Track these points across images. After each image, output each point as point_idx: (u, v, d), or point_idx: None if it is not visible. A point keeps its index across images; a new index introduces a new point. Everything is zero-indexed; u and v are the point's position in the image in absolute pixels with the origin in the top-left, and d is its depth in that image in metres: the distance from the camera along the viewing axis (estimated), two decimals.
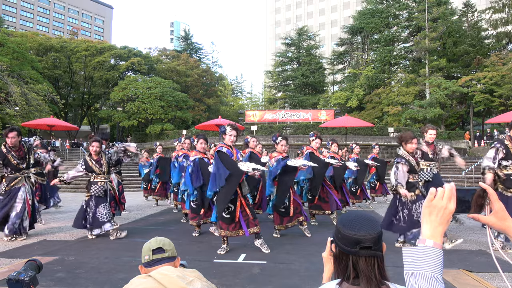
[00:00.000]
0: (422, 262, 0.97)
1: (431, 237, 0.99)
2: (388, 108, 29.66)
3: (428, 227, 1.01)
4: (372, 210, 10.01)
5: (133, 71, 34.79)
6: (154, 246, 1.68)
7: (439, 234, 1.00)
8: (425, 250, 0.98)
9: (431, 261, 0.97)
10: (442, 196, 1.00)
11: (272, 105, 43.26)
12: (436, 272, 0.96)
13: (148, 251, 1.68)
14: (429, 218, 1.01)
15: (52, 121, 20.40)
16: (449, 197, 1.00)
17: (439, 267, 0.97)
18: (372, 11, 36.03)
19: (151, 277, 1.49)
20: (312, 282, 3.91)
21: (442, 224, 1.00)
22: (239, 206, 5.20)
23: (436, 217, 1.00)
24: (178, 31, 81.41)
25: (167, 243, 1.72)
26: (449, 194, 1.00)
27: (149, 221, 8.50)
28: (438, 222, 1.00)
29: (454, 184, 1.03)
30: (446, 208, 1.00)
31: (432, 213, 1.01)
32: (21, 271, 1.54)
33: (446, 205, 1.00)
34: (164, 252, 1.68)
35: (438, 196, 1.01)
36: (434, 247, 0.98)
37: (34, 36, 33.93)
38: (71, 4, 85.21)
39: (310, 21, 69.39)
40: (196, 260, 4.83)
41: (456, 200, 1.01)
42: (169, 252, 1.69)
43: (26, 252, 5.39)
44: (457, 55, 31.49)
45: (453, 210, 1.00)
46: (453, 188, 1.01)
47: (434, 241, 0.99)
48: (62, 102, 28.88)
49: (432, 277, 0.95)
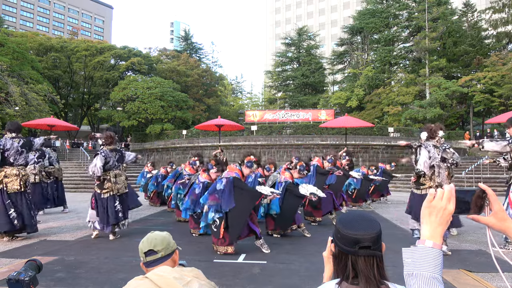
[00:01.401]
0: (421, 262, 0.98)
1: (431, 238, 1.00)
2: (388, 108, 29.66)
3: (427, 228, 1.01)
4: (372, 210, 10.02)
5: (133, 71, 34.79)
6: (145, 249, 1.65)
7: (438, 235, 1.00)
8: (425, 250, 0.99)
9: (430, 262, 0.97)
10: (441, 197, 1.01)
11: (272, 105, 43.26)
12: (435, 272, 0.96)
13: (141, 253, 1.67)
14: (429, 218, 1.02)
15: (52, 121, 20.34)
16: (448, 198, 1.01)
17: (438, 267, 0.97)
18: (372, 11, 36.03)
19: (147, 279, 1.48)
20: (312, 282, 3.91)
21: (441, 224, 1.01)
22: (223, 224, 5.12)
23: (435, 218, 1.01)
24: (178, 31, 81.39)
25: (159, 242, 1.66)
26: (448, 195, 1.01)
27: (149, 221, 8.50)
28: (438, 223, 1.01)
29: (454, 185, 1.03)
30: (446, 208, 1.00)
31: (432, 214, 1.02)
32: (21, 271, 1.54)
33: (446, 206, 1.00)
34: (156, 254, 1.64)
35: (437, 197, 1.02)
36: (434, 247, 0.99)
37: (34, 36, 33.92)
38: (71, 4, 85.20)
39: (310, 21, 69.37)
40: (196, 260, 4.83)
41: (455, 200, 1.01)
42: (161, 252, 1.65)
43: (26, 252, 5.39)
44: (457, 55, 31.49)
45: (452, 210, 1.00)
46: (453, 189, 1.01)
47: (433, 242, 0.99)
48: (62, 102, 28.88)
49: (432, 277, 0.96)
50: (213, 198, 5.18)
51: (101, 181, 6.25)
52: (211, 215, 5.20)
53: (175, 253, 1.71)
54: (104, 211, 6.17)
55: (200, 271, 1.62)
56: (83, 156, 22.65)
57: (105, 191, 6.21)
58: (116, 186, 6.26)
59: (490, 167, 17.27)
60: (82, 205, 10.37)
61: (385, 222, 8.11)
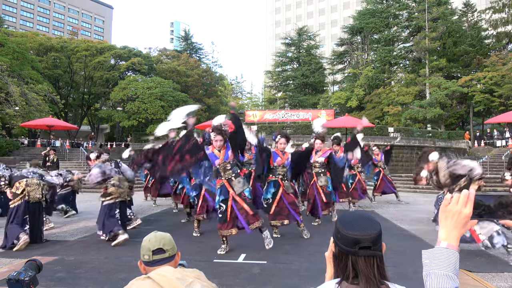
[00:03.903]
0: (436, 262, 1.05)
1: (446, 239, 1.07)
2: (388, 108, 29.64)
3: (443, 231, 1.09)
4: (372, 210, 10.01)
5: (133, 71, 34.76)
6: (154, 247, 1.62)
7: (454, 237, 1.07)
8: (439, 251, 1.06)
9: (444, 261, 1.04)
10: (457, 201, 1.07)
11: (272, 105, 43.24)
12: (447, 270, 1.03)
13: (147, 251, 1.62)
14: (445, 222, 1.09)
15: (52, 121, 20.45)
16: (463, 202, 1.06)
17: (451, 266, 1.03)
18: (372, 11, 36.01)
19: (150, 279, 1.47)
20: (312, 282, 3.91)
21: (457, 227, 1.07)
22: (230, 206, 5.24)
23: (451, 221, 1.08)
24: (178, 31, 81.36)
25: (168, 241, 1.66)
26: (463, 199, 1.06)
27: (149, 221, 8.50)
28: (453, 226, 1.07)
29: (474, 190, 1.09)
30: (461, 212, 1.06)
31: (448, 218, 1.08)
32: (21, 271, 1.54)
33: (461, 210, 1.06)
34: (164, 253, 1.62)
35: (453, 201, 1.08)
36: (448, 248, 1.06)
37: (34, 36, 33.90)
38: (71, 4, 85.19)
39: (310, 21, 69.36)
40: (196, 260, 4.83)
41: (474, 205, 1.06)
42: (169, 252, 1.64)
43: (26, 252, 5.39)
44: (457, 55, 31.47)
45: (468, 214, 1.06)
46: (469, 194, 1.07)
47: (447, 243, 1.06)
48: (62, 102, 28.85)
49: (444, 275, 1.02)
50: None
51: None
52: (217, 198, 5.39)
53: (177, 254, 1.70)
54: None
55: (201, 273, 1.62)
56: (83, 156, 22.65)
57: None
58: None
59: (490, 167, 17.27)
60: (82, 205, 10.37)
61: (385, 222, 8.11)
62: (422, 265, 1.08)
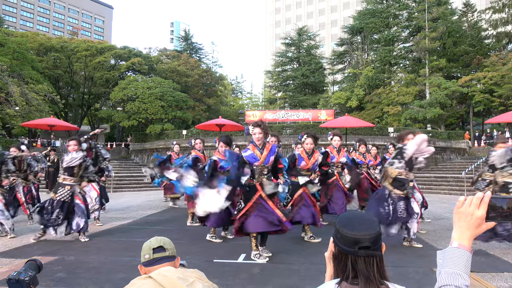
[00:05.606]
0: (447, 261, 1.09)
1: (457, 240, 1.11)
2: (388, 108, 29.64)
3: (457, 231, 1.13)
4: None
5: (134, 71, 34.76)
6: (154, 245, 1.68)
7: (466, 238, 1.11)
8: (451, 250, 1.11)
9: (454, 260, 1.08)
10: (469, 204, 1.11)
11: (272, 105, 43.22)
12: (457, 268, 1.07)
13: (148, 250, 1.67)
14: (458, 223, 1.13)
15: (52, 121, 20.43)
16: (476, 204, 1.10)
17: (461, 264, 1.07)
18: (372, 11, 36.00)
19: (151, 278, 1.48)
20: (312, 282, 3.91)
21: (469, 229, 1.11)
22: (249, 206, 4.90)
23: (463, 223, 1.11)
24: (178, 31, 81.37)
25: (168, 242, 1.72)
26: (476, 201, 1.10)
27: (149, 221, 8.50)
28: (466, 227, 1.11)
29: (490, 193, 1.12)
30: (473, 214, 1.10)
31: (461, 219, 1.12)
32: (21, 271, 1.54)
33: (473, 212, 1.10)
34: (165, 251, 1.67)
35: (466, 203, 1.12)
36: (459, 247, 1.10)
37: (35, 36, 33.90)
38: (71, 4, 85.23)
39: (310, 21, 69.36)
40: (196, 260, 4.83)
41: (488, 207, 1.09)
42: (169, 251, 1.68)
43: (26, 252, 5.39)
44: (457, 55, 31.46)
45: (481, 216, 1.09)
46: (483, 196, 1.10)
47: (459, 243, 1.10)
48: (62, 102, 28.86)
49: (453, 272, 1.06)
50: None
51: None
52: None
53: (177, 259, 1.74)
54: None
55: (202, 273, 1.63)
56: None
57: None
58: None
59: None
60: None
61: None
62: (423, 265, 1.10)
